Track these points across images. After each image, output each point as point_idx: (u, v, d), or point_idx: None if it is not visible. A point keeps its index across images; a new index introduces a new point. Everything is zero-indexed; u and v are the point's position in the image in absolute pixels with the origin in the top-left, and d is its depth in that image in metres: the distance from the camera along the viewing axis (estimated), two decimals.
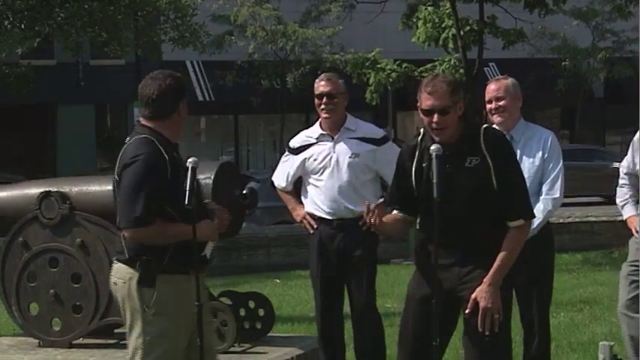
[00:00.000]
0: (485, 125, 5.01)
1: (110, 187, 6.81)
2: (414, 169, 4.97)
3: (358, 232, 6.13)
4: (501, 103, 6.12)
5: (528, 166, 6.05)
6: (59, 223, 6.85)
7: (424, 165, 4.92)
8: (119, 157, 4.87)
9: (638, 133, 6.18)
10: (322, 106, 6.49)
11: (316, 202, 6.53)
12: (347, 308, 6.74)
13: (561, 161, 6.12)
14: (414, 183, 4.96)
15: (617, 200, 6.37)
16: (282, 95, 31.50)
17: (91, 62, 31.27)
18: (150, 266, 4.78)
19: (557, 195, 6.05)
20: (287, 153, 6.71)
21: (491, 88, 6.18)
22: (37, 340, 7.03)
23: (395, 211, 5.12)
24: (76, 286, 6.87)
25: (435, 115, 4.83)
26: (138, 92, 4.93)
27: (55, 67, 30.88)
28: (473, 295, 4.82)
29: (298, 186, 6.72)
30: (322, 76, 6.69)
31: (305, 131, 6.73)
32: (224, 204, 5.33)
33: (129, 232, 4.78)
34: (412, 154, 5.00)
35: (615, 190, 6.58)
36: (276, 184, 6.78)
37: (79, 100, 31.93)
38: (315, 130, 6.62)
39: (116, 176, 4.89)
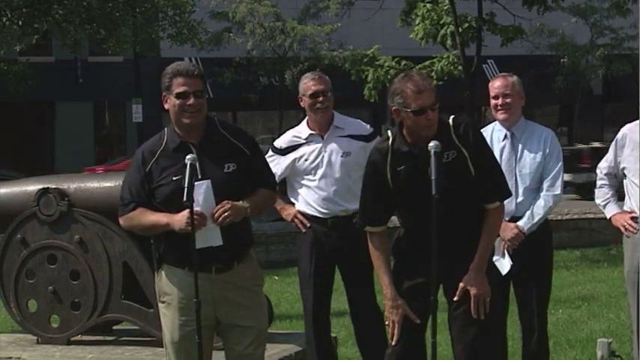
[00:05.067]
0: (451, 116, 5.01)
1: (108, 184, 6.87)
2: (389, 175, 4.95)
3: (353, 229, 5.97)
4: (508, 100, 6.13)
5: (530, 162, 6.08)
6: (58, 219, 6.84)
7: (399, 169, 4.91)
8: None
9: (620, 132, 6.16)
10: (318, 105, 6.41)
11: (309, 202, 6.46)
12: (345, 306, 6.75)
13: (562, 159, 6.16)
14: (391, 187, 4.95)
15: (598, 201, 6.33)
16: (280, 92, 31.47)
17: (89, 59, 31.28)
18: (155, 254, 4.92)
19: (558, 192, 6.08)
20: (272, 153, 6.53)
21: (498, 85, 6.16)
22: (36, 337, 7.02)
23: (374, 229, 5.12)
24: (74, 282, 6.86)
25: (429, 113, 4.83)
26: None
27: (54, 64, 30.87)
28: (461, 284, 4.88)
29: (282, 187, 6.61)
30: (309, 75, 6.57)
31: (291, 131, 6.63)
32: None
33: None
34: (384, 160, 4.97)
35: None
36: None
37: (78, 97, 31.94)
38: (303, 130, 6.53)
39: None
